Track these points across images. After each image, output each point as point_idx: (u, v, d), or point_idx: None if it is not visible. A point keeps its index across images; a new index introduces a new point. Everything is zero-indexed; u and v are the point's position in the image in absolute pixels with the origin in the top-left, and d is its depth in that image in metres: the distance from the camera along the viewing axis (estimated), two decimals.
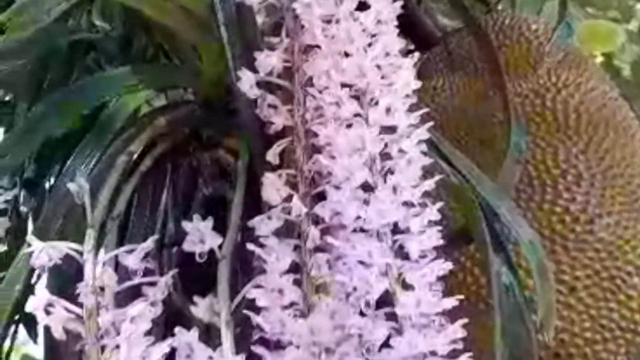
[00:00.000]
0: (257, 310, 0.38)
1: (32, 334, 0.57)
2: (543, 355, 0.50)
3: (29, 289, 0.43)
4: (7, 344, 0.56)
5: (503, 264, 0.44)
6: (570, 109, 0.55)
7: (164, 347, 0.36)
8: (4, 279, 0.46)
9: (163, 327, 0.40)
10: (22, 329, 0.59)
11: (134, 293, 0.39)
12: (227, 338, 0.38)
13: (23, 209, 0.58)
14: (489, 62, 0.58)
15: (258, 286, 0.39)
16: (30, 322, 0.56)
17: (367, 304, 0.37)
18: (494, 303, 0.42)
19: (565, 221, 0.52)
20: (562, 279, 0.51)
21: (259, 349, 0.37)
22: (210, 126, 0.54)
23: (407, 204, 0.39)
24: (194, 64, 0.55)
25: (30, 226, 0.55)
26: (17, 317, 0.48)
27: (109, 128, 0.51)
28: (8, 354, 0.56)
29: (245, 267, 0.43)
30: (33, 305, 0.36)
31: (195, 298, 0.41)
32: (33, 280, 0.44)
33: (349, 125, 0.41)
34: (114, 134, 0.50)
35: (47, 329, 0.39)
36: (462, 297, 0.37)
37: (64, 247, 0.38)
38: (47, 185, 0.59)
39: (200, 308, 0.41)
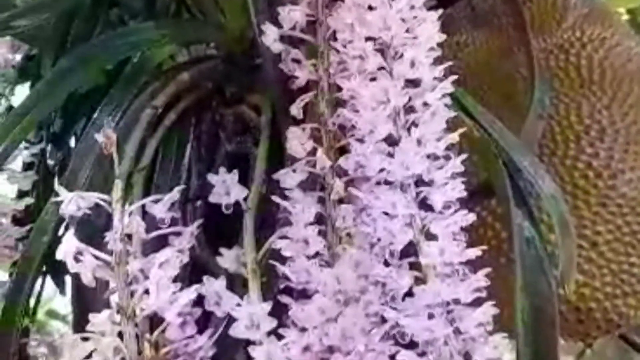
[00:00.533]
0: (283, 260, 0.39)
1: (60, 285, 0.58)
2: (563, 309, 0.50)
3: (57, 240, 0.44)
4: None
5: (525, 218, 0.44)
6: (595, 64, 0.55)
7: (191, 293, 0.36)
8: (32, 230, 0.47)
9: (188, 283, 0.41)
10: (48, 283, 0.60)
11: (161, 243, 0.40)
12: (254, 286, 0.38)
13: (50, 162, 0.59)
14: (513, 17, 0.57)
15: (284, 237, 0.40)
16: (57, 274, 0.57)
17: (391, 254, 0.37)
18: (515, 256, 0.42)
19: (588, 176, 0.52)
20: (583, 234, 0.51)
21: (284, 298, 0.38)
22: (233, 81, 0.55)
23: (431, 157, 0.39)
24: (217, 19, 0.55)
25: (57, 179, 0.56)
26: (44, 269, 0.49)
27: (133, 83, 0.51)
28: (35, 307, 0.57)
29: (270, 220, 0.44)
30: (62, 252, 0.37)
31: (221, 249, 0.42)
32: (61, 232, 0.45)
33: (373, 79, 0.41)
34: (139, 88, 0.50)
35: (75, 278, 0.40)
36: (485, 247, 0.37)
37: (93, 197, 0.39)
38: (73, 139, 0.60)
39: (227, 259, 0.41)
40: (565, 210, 0.44)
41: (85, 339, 0.35)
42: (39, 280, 0.53)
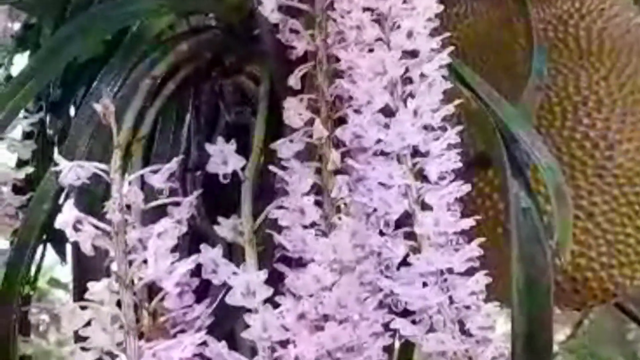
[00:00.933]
0: (280, 230, 0.39)
1: (61, 253, 0.59)
2: (560, 279, 0.51)
3: (56, 209, 0.44)
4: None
5: (521, 189, 0.44)
6: (593, 35, 0.55)
7: (189, 263, 0.37)
8: (32, 198, 0.47)
9: (187, 253, 0.41)
10: (49, 253, 0.61)
11: (160, 214, 0.41)
12: (250, 255, 0.39)
13: (49, 132, 0.60)
14: None
15: (280, 207, 0.40)
16: (58, 242, 0.57)
17: (387, 224, 0.37)
18: (511, 226, 0.43)
19: (585, 147, 0.52)
20: (580, 205, 0.51)
21: (280, 267, 0.38)
22: (232, 52, 0.55)
23: (427, 128, 0.39)
24: None
25: (56, 149, 0.56)
26: (45, 237, 0.49)
27: (132, 52, 0.52)
28: (36, 275, 0.57)
29: (268, 190, 0.44)
30: (62, 221, 0.37)
31: (219, 218, 0.42)
32: (61, 200, 0.46)
33: (371, 50, 0.41)
34: (138, 58, 0.50)
35: (75, 246, 0.40)
36: (479, 217, 0.37)
37: (92, 166, 0.39)
38: (72, 109, 0.60)
39: (224, 228, 0.42)
40: (562, 181, 0.45)
41: (84, 308, 0.36)
42: (40, 249, 0.54)
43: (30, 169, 0.53)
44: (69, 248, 0.53)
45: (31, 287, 0.53)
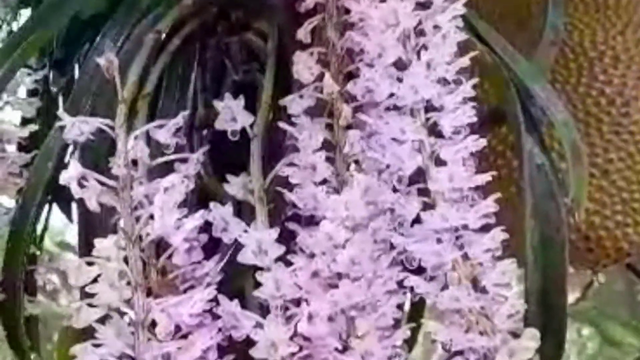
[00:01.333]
0: (290, 188, 0.39)
1: (67, 213, 0.58)
2: (573, 237, 0.50)
3: (61, 166, 0.43)
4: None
5: (536, 145, 0.43)
6: None
7: (197, 218, 0.36)
8: (37, 156, 0.46)
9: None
10: (60, 216, 0.60)
11: (167, 171, 0.40)
12: (260, 213, 0.38)
13: (53, 89, 0.59)
14: None
15: (291, 164, 0.39)
16: (65, 202, 0.57)
17: (400, 180, 0.36)
18: (525, 183, 0.42)
19: (601, 104, 0.51)
20: (595, 162, 0.50)
21: (292, 225, 0.38)
22: (239, 6, 0.53)
23: (441, 81, 0.38)
24: None
25: (61, 106, 0.55)
26: (50, 196, 0.48)
27: (135, 7, 0.50)
28: (42, 235, 0.57)
29: (278, 149, 0.43)
30: (66, 177, 0.37)
31: (228, 176, 0.41)
32: (66, 159, 0.45)
33: (383, 0, 0.40)
34: (141, 13, 0.49)
35: (81, 204, 0.39)
36: (494, 173, 0.36)
37: (96, 121, 0.38)
38: (76, 66, 0.59)
39: (234, 186, 0.41)
40: (577, 138, 0.44)
41: (91, 264, 0.35)
42: (46, 209, 0.53)
43: (34, 127, 0.52)
44: (75, 208, 0.53)
45: (37, 247, 0.52)
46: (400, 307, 0.37)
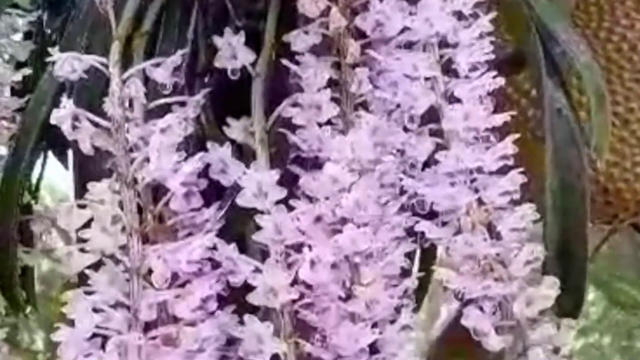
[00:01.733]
0: (294, 129, 0.36)
1: (62, 159, 0.56)
2: (592, 190, 0.48)
3: None
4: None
5: (556, 89, 0.41)
6: None
7: (195, 161, 0.34)
8: (30, 101, 0.44)
9: None
10: (60, 170, 0.58)
11: (165, 112, 0.38)
12: (261, 155, 0.36)
13: (48, 30, 0.56)
14: None
15: (295, 104, 0.37)
16: (59, 148, 0.55)
17: (411, 119, 0.34)
18: (545, 128, 0.39)
19: (622, 49, 0.49)
20: (615, 111, 0.48)
21: (295, 168, 0.35)
22: None
23: (457, 15, 0.36)
24: None
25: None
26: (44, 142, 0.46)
27: None
28: (37, 183, 0.55)
29: (281, 91, 0.41)
30: (58, 117, 0.35)
31: (229, 119, 0.39)
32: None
33: None
34: None
35: (75, 148, 0.37)
36: (513, 112, 0.34)
37: (89, 58, 0.36)
38: (71, 6, 0.56)
39: (234, 129, 0.39)
40: (600, 82, 0.41)
41: (83, 207, 0.33)
42: (41, 156, 0.51)
43: (28, 71, 0.50)
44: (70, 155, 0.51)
45: (32, 196, 0.50)
46: (409, 256, 0.35)
